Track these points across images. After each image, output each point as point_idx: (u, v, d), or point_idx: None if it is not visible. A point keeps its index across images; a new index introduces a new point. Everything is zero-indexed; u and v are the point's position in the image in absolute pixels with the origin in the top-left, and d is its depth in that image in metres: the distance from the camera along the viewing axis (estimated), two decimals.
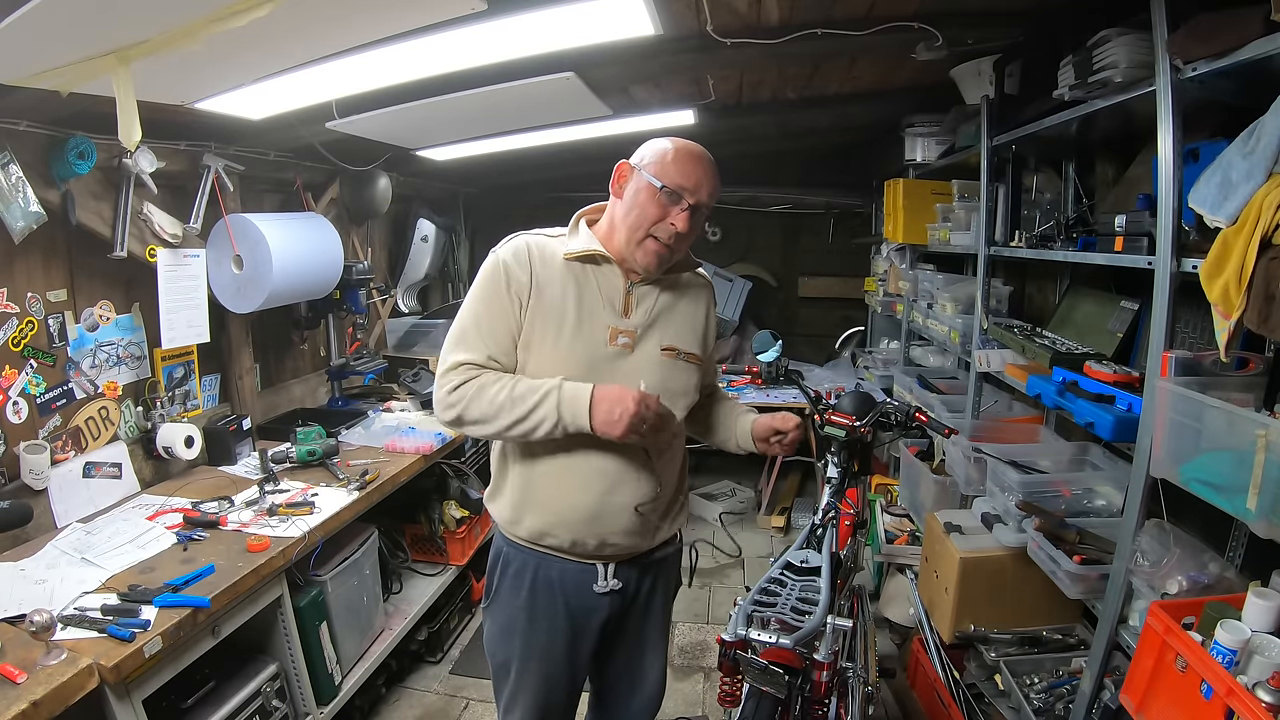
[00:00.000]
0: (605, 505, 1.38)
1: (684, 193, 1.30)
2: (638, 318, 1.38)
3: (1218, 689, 1.11)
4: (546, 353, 1.33)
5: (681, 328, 1.43)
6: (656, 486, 1.41)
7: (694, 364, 1.44)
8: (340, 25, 1.39)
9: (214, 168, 2.30)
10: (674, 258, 1.38)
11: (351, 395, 3.18)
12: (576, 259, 1.36)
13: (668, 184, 1.30)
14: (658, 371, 1.38)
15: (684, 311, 1.44)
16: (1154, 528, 1.47)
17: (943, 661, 2.13)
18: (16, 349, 1.85)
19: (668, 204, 1.31)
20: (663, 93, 2.56)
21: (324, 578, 2.04)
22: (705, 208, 1.34)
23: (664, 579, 1.56)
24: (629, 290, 1.38)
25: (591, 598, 1.44)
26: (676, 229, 1.31)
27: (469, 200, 4.36)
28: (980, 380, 2.45)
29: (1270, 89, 1.17)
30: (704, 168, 1.34)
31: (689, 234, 1.34)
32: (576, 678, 1.53)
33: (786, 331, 4.19)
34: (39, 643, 1.36)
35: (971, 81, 2.37)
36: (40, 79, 1.39)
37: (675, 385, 1.40)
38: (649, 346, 1.38)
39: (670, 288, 1.43)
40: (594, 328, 1.35)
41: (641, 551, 1.46)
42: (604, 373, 1.34)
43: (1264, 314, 1.13)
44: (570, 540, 1.39)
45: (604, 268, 1.38)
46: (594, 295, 1.36)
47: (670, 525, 1.51)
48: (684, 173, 1.31)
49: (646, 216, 1.31)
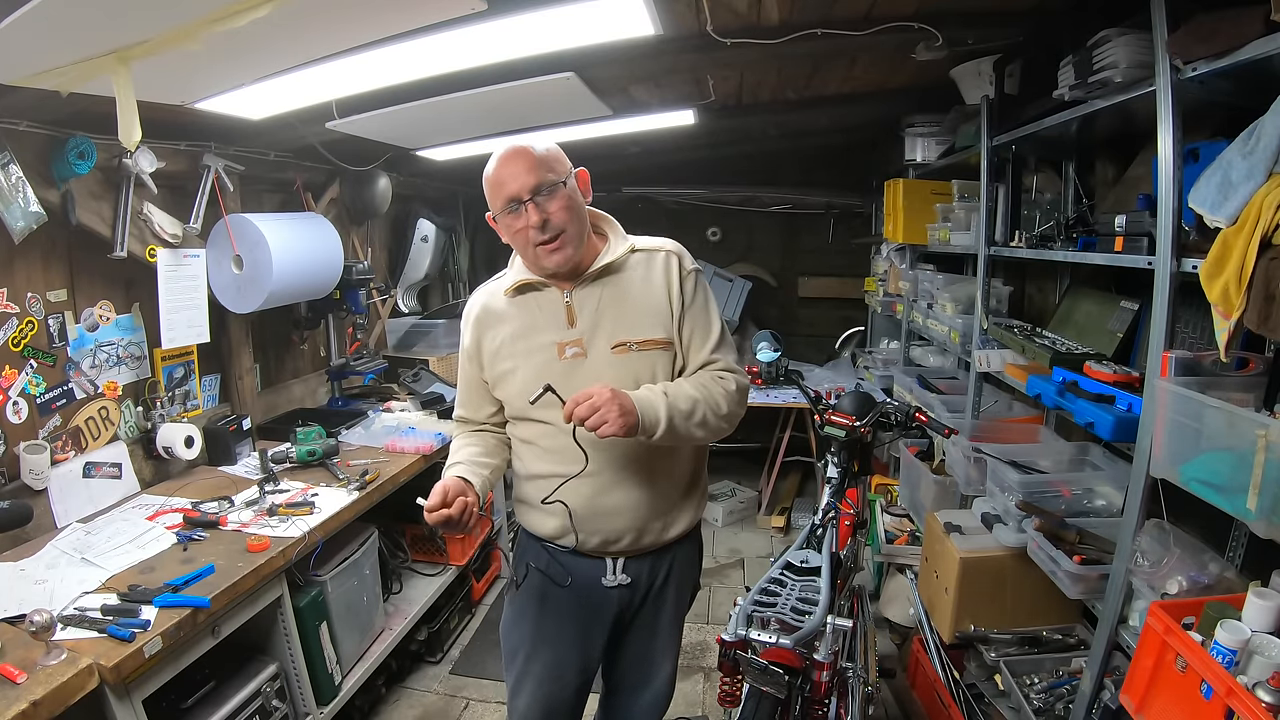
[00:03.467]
0: (600, 505, 1.41)
1: (512, 200, 1.31)
2: (583, 323, 1.39)
3: (1218, 689, 1.11)
4: (511, 387, 1.42)
5: (633, 317, 1.39)
6: (649, 485, 1.41)
7: (657, 350, 1.39)
8: (340, 25, 1.39)
9: (214, 168, 2.30)
10: (570, 239, 1.33)
11: (351, 395, 3.18)
12: (514, 292, 1.42)
13: (499, 210, 1.34)
14: (615, 369, 1.37)
15: (634, 298, 1.40)
16: (1154, 528, 1.47)
17: (943, 661, 2.13)
18: (16, 349, 1.85)
19: (516, 218, 1.33)
20: (663, 93, 2.56)
21: (324, 578, 2.04)
22: (540, 187, 1.30)
23: (677, 574, 1.55)
24: (568, 300, 1.39)
25: (600, 591, 1.48)
26: (533, 222, 1.30)
27: (469, 200, 4.36)
28: (980, 380, 2.45)
29: (1270, 89, 1.17)
30: (507, 165, 1.32)
31: (554, 215, 1.31)
32: (586, 667, 1.55)
33: (786, 331, 4.19)
34: (39, 643, 1.36)
35: (971, 81, 2.37)
36: (40, 79, 1.39)
37: (640, 377, 1.37)
38: (600, 347, 1.38)
39: (612, 280, 1.40)
40: (543, 349, 1.39)
41: (651, 546, 1.48)
42: (564, 387, 1.30)
43: (1264, 314, 1.13)
44: (574, 539, 1.43)
45: (542, 291, 1.42)
46: (536, 319, 1.41)
47: (682, 520, 1.50)
48: (497, 187, 1.33)
49: (518, 240, 1.36)
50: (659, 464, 1.43)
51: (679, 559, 1.55)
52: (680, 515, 1.50)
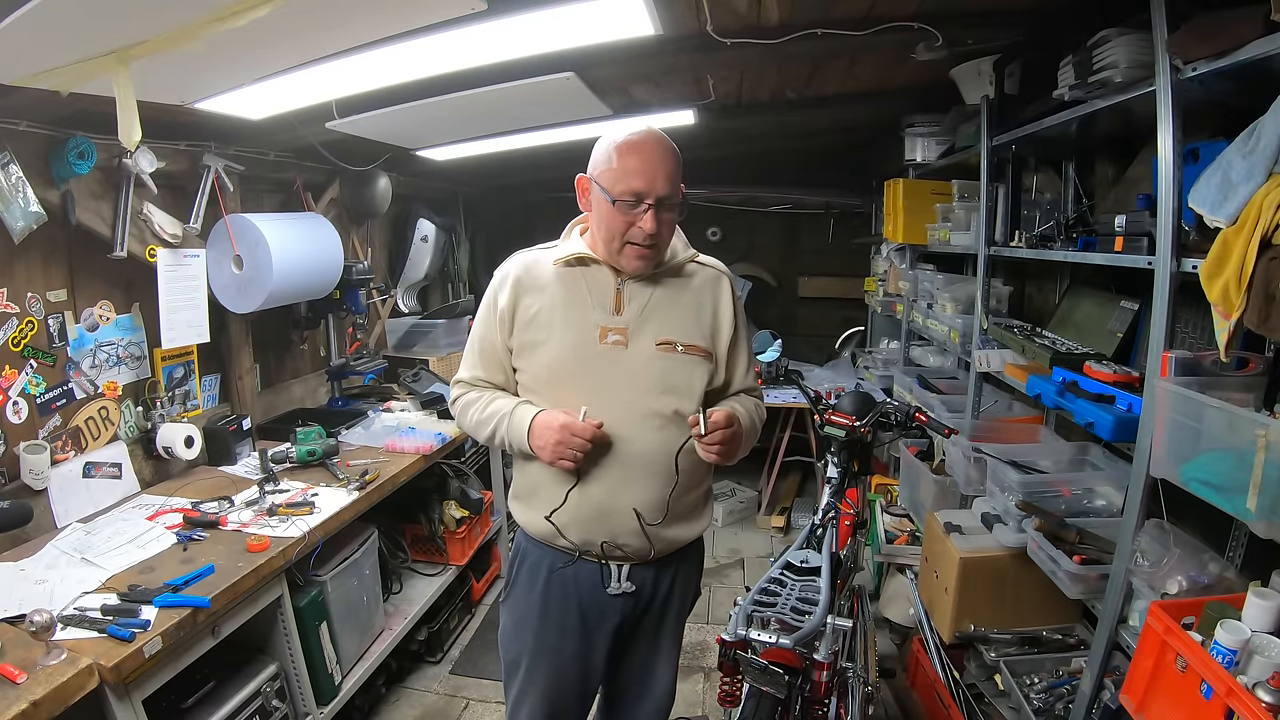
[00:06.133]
0: (611, 505, 1.37)
1: (638, 196, 1.28)
2: (630, 314, 1.37)
3: (1218, 689, 1.11)
4: (539, 359, 1.38)
5: (682, 320, 1.40)
6: (666, 490, 1.37)
7: (698, 357, 1.39)
8: (340, 25, 1.39)
9: (214, 168, 2.30)
10: (661, 252, 1.37)
11: (351, 395, 3.18)
12: (565, 264, 1.39)
13: (619, 195, 1.28)
14: (654, 366, 1.36)
15: (686, 304, 1.41)
16: (1154, 528, 1.47)
17: (943, 661, 2.13)
18: (16, 349, 1.85)
19: (629, 211, 1.29)
20: (663, 93, 2.56)
21: (324, 578, 2.03)
22: (669, 198, 1.30)
23: (681, 583, 1.52)
24: (619, 287, 1.38)
25: (604, 599, 1.43)
26: (646, 230, 1.29)
27: (469, 200, 4.36)
28: (980, 380, 2.45)
29: (1270, 89, 1.17)
30: (652, 159, 1.28)
31: (664, 229, 1.32)
32: (589, 678, 1.50)
33: (786, 331, 4.20)
34: (39, 643, 1.36)
35: (971, 81, 2.37)
36: (40, 79, 1.39)
37: (676, 380, 1.37)
38: (643, 341, 1.36)
39: (668, 281, 1.41)
40: (583, 328, 1.36)
41: (659, 554, 1.44)
42: (598, 371, 1.34)
43: (1264, 314, 1.13)
44: (581, 540, 1.39)
45: (593, 269, 1.39)
46: (583, 297, 1.37)
47: (688, 529, 1.47)
48: (632, 174, 1.27)
49: (615, 228, 1.31)
50: (672, 469, 1.38)
51: (683, 568, 1.52)
52: (688, 523, 1.47)
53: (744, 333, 1.49)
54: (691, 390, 1.39)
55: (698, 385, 1.39)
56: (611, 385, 1.35)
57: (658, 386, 1.35)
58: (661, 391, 1.36)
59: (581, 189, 1.38)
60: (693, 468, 1.40)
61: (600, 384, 1.35)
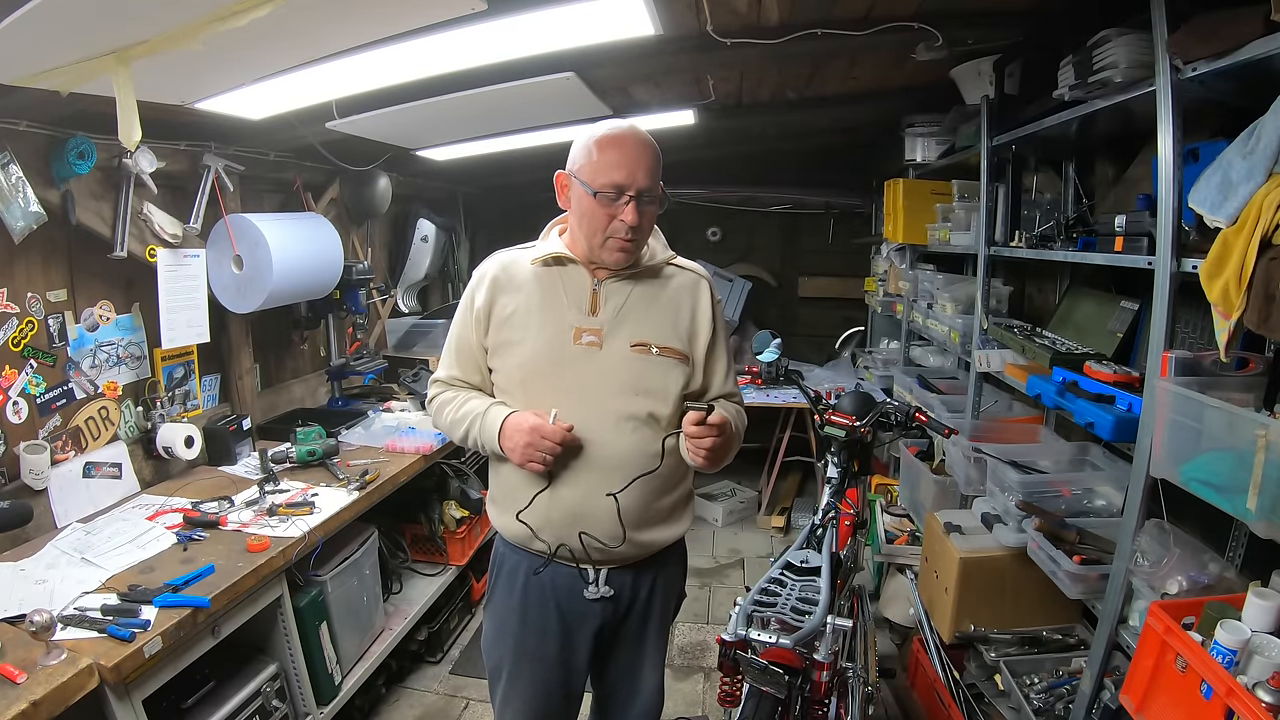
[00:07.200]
0: (584, 508, 1.35)
1: (620, 189, 1.28)
2: (605, 315, 1.36)
3: (1218, 689, 1.11)
4: (513, 358, 1.38)
5: (658, 322, 1.38)
6: (640, 492, 1.35)
7: (673, 359, 1.37)
8: (340, 25, 1.39)
9: (214, 168, 2.30)
10: (641, 245, 1.37)
11: (351, 395, 3.18)
12: (542, 263, 1.39)
13: (600, 187, 1.28)
14: (628, 368, 1.35)
15: (663, 306, 1.40)
16: (1154, 528, 1.47)
17: (943, 661, 2.13)
18: (16, 349, 1.85)
19: (610, 204, 1.29)
20: (663, 93, 2.56)
21: (324, 578, 2.03)
22: (650, 190, 1.30)
23: (663, 586, 1.49)
24: (596, 288, 1.37)
25: (583, 604, 1.42)
26: (629, 222, 1.29)
27: (469, 200, 4.36)
28: (980, 380, 2.45)
29: (1270, 89, 1.17)
30: (631, 151, 1.28)
31: (645, 221, 1.32)
32: (571, 683, 1.49)
33: (786, 331, 4.20)
34: (39, 643, 1.36)
35: (971, 81, 2.37)
36: (40, 79, 1.39)
37: (650, 382, 1.36)
38: (618, 343, 1.35)
39: (646, 283, 1.40)
40: (558, 329, 1.35)
41: (636, 557, 1.42)
42: (572, 372, 1.33)
43: (1264, 314, 1.13)
44: (555, 542, 1.38)
45: (570, 269, 1.38)
46: (558, 297, 1.37)
47: (665, 531, 1.44)
48: (612, 166, 1.27)
49: (596, 222, 1.31)
50: (647, 471, 1.35)
51: (663, 572, 1.49)
52: (666, 526, 1.44)
53: (723, 337, 1.47)
54: (667, 393, 1.37)
55: (673, 388, 1.38)
56: (585, 386, 1.34)
57: (631, 388, 1.34)
58: (635, 393, 1.34)
59: (561, 186, 1.37)
60: (670, 470, 1.38)
61: (574, 385, 1.34)
